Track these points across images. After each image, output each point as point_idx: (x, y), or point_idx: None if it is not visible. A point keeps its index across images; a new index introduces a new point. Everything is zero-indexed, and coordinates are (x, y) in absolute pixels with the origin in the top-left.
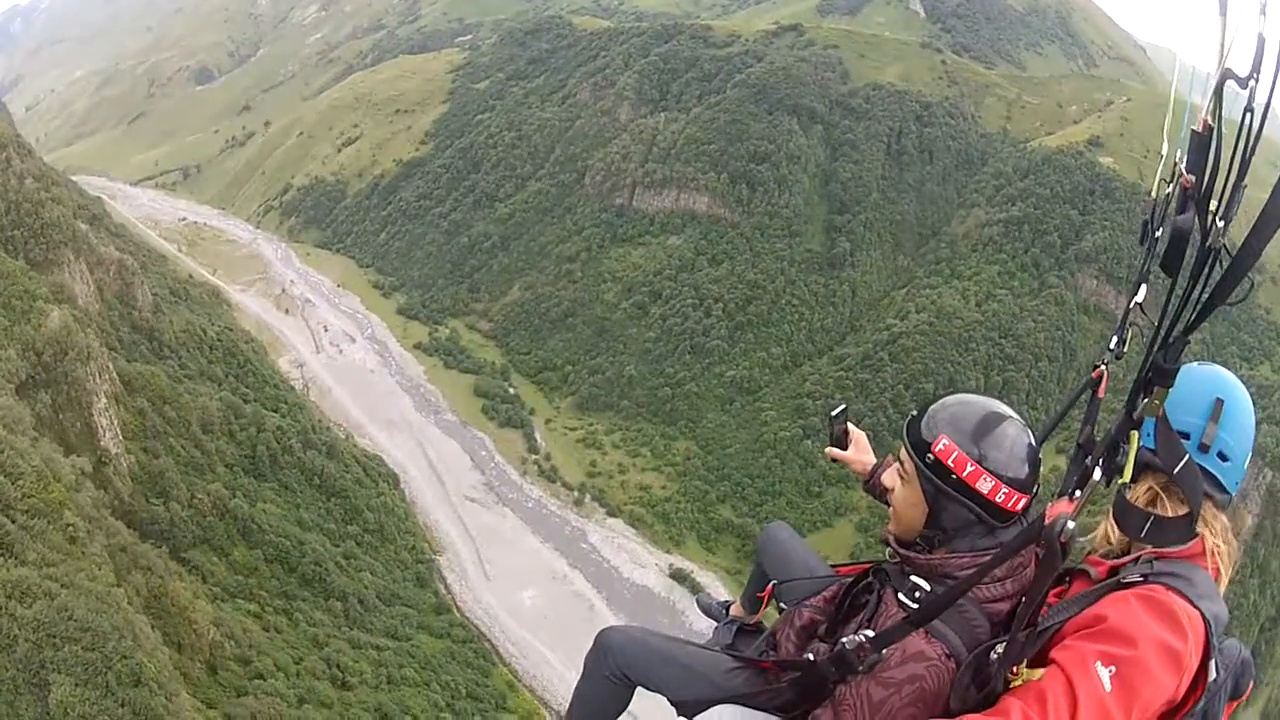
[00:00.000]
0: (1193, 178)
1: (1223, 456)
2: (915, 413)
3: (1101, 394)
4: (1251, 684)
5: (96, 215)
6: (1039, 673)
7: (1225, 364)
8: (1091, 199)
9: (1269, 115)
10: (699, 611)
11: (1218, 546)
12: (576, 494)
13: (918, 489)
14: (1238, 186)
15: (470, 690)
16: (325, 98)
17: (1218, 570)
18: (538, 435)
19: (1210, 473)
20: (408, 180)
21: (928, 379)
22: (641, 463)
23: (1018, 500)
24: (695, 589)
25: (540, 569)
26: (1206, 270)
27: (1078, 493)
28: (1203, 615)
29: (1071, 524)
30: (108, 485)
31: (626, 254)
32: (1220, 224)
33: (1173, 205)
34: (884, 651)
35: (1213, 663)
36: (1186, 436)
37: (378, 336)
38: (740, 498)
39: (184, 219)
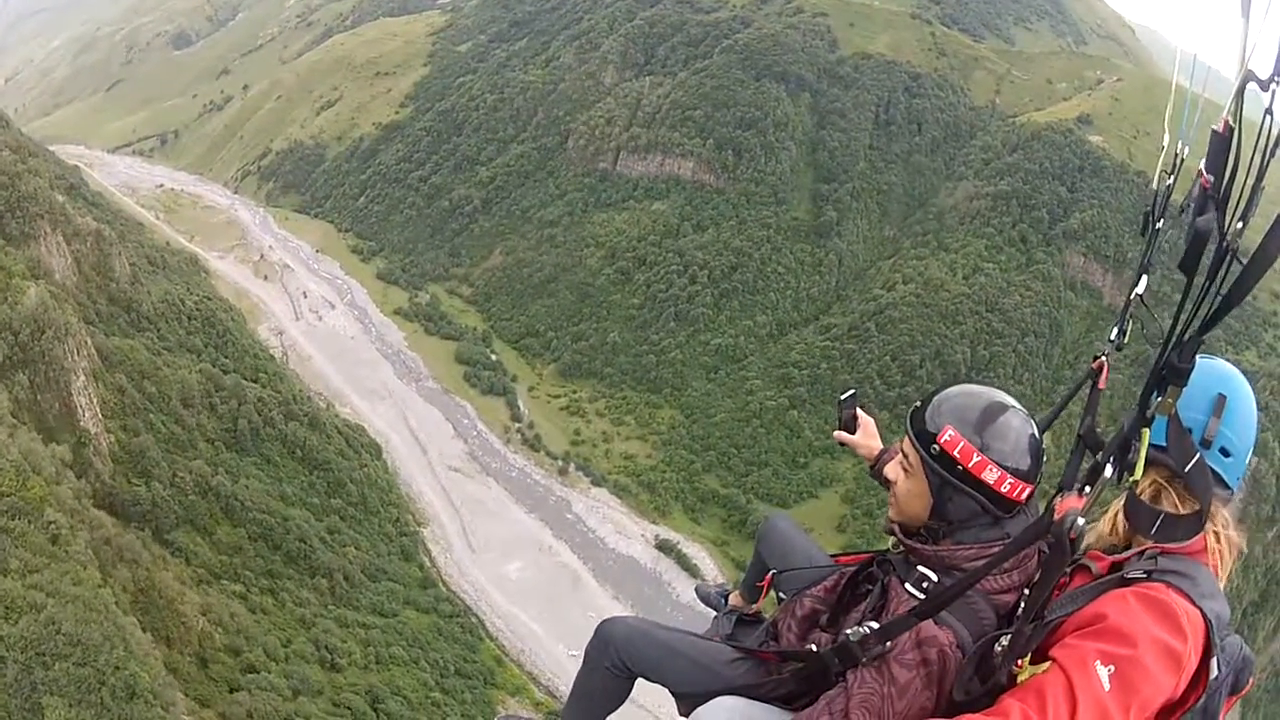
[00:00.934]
0: (1212, 178)
1: (1225, 452)
2: (919, 403)
3: (1102, 385)
4: (1252, 680)
5: (74, 185)
6: (1042, 668)
7: (1210, 348)
8: (1080, 176)
9: None
10: (694, 596)
11: (1219, 543)
12: (560, 463)
13: (922, 480)
14: (1256, 188)
15: (459, 667)
16: (304, 60)
17: (1219, 565)
18: (520, 403)
19: (1212, 468)
20: (387, 144)
21: (914, 351)
22: (626, 431)
23: (1023, 490)
24: (681, 560)
25: (526, 540)
26: (1224, 270)
27: (1087, 489)
28: (1204, 614)
29: (1081, 520)
30: (88, 468)
31: (610, 219)
32: (1239, 225)
33: (1172, 199)
34: (889, 643)
35: (1214, 661)
36: (1189, 432)
37: (358, 302)
38: (726, 468)
39: (161, 185)
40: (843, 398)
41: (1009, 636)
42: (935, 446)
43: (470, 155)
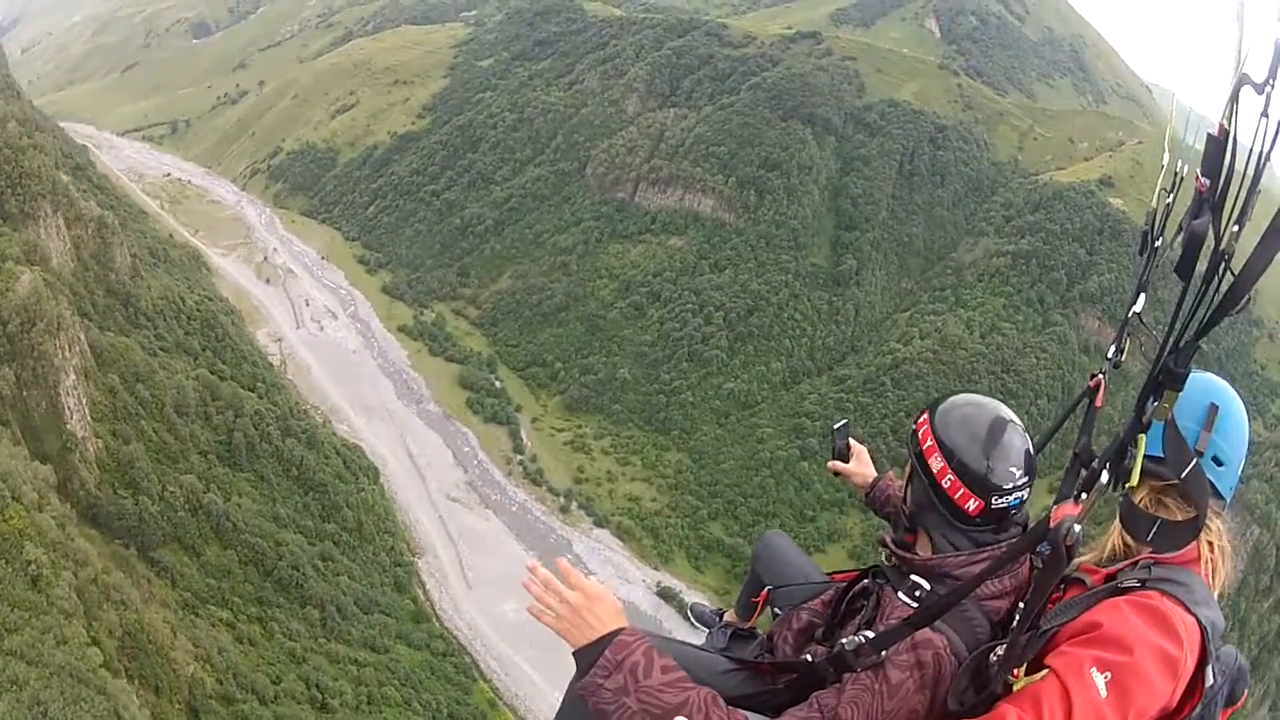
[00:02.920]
0: (1208, 182)
1: (1217, 461)
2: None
3: (1100, 403)
4: (1247, 692)
5: (80, 165)
6: (1038, 677)
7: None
8: (1100, 239)
9: None
10: (691, 622)
11: (1213, 552)
12: (563, 500)
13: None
14: (1252, 191)
15: (452, 710)
16: (323, 61)
17: (1212, 575)
18: (524, 434)
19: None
20: (401, 154)
21: None
22: (631, 471)
23: (962, 493)
24: (683, 609)
25: (523, 578)
26: (1219, 275)
27: (1083, 496)
28: (1199, 622)
29: (1078, 527)
30: (73, 475)
31: (625, 251)
32: (1235, 229)
33: (1172, 213)
34: (884, 653)
35: (1209, 669)
36: (1185, 439)
37: (361, 315)
38: (732, 516)
39: (168, 174)
40: (836, 427)
41: (1004, 646)
42: (913, 428)
43: (485, 173)
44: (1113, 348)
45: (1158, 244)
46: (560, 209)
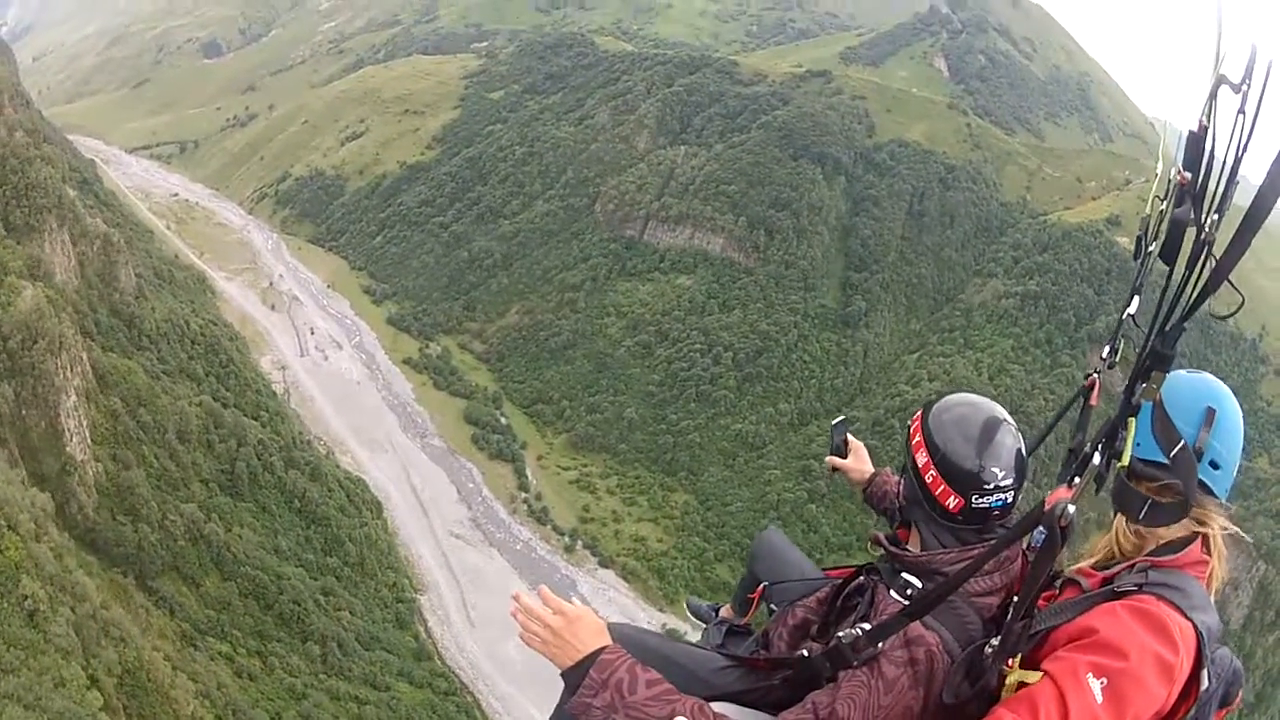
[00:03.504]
0: (1189, 175)
1: (1214, 464)
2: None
3: (1094, 402)
4: (1240, 694)
5: (87, 180)
6: (1033, 675)
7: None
8: (1108, 279)
9: (1259, 118)
10: (688, 616)
11: (1210, 554)
12: (568, 539)
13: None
14: (1231, 182)
15: None
16: (333, 88)
17: (1210, 579)
18: (529, 471)
19: (1202, 480)
20: (410, 184)
21: None
22: (637, 512)
23: (946, 491)
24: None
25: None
26: (1202, 260)
27: (1076, 479)
28: (1195, 626)
29: (1071, 508)
30: (71, 500)
31: (634, 289)
32: (1215, 217)
33: (1169, 203)
34: (880, 645)
35: (1204, 673)
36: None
37: (366, 346)
38: (739, 558)
39: (175, 195)
40: (834, 423)
41: (1000, 635)
42: (909, 424)
43: (494, 207)
44: (1107, 348)
45: (1151, 249)
46: (569, 245)
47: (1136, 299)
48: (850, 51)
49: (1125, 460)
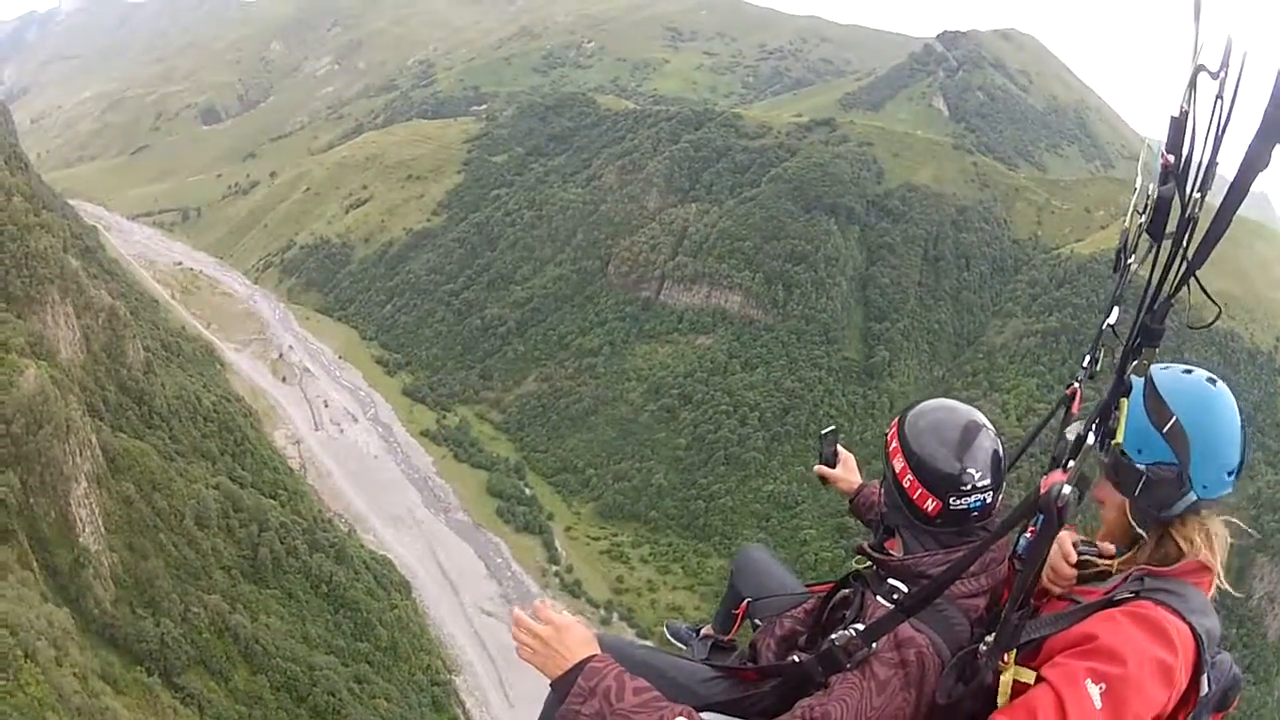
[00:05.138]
0: (1172, 157)
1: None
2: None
3: (1076, 409)
4: (1238, 698)
5: (90, 248)
6: (1028, 673)
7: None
8: (1125, 307)
9: (1235, 103)
10: (669, 640)
11: (1207, 553)
12: (603, 612)
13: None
14: (1211, 164)
15: None
16: (335, 154)
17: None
18: (558, 543)
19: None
20: (417, 251)
21: None
22: (673, 580)
23: (923, 495)
24: None
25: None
26: (1187, 235)
27: (1070, 463)
28: (1193, 630)
29: (1068, 489)
30: (86, 594)
31: (653, 351)
32: (1197, 195)
33: (1155, 182)
34: (874, 645)
35: (1204, 677)
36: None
37: (382, 418)
38: None
39: (179, 263)
40: (824, 433)
41: (996, 629)
42: (887, 432)
43: (505, 273)
44: (1087, 358)
45: (1129, 263)
46: (583, 309)
47: (1116, 310)
48: (850, 97)
49: (1120, 438)
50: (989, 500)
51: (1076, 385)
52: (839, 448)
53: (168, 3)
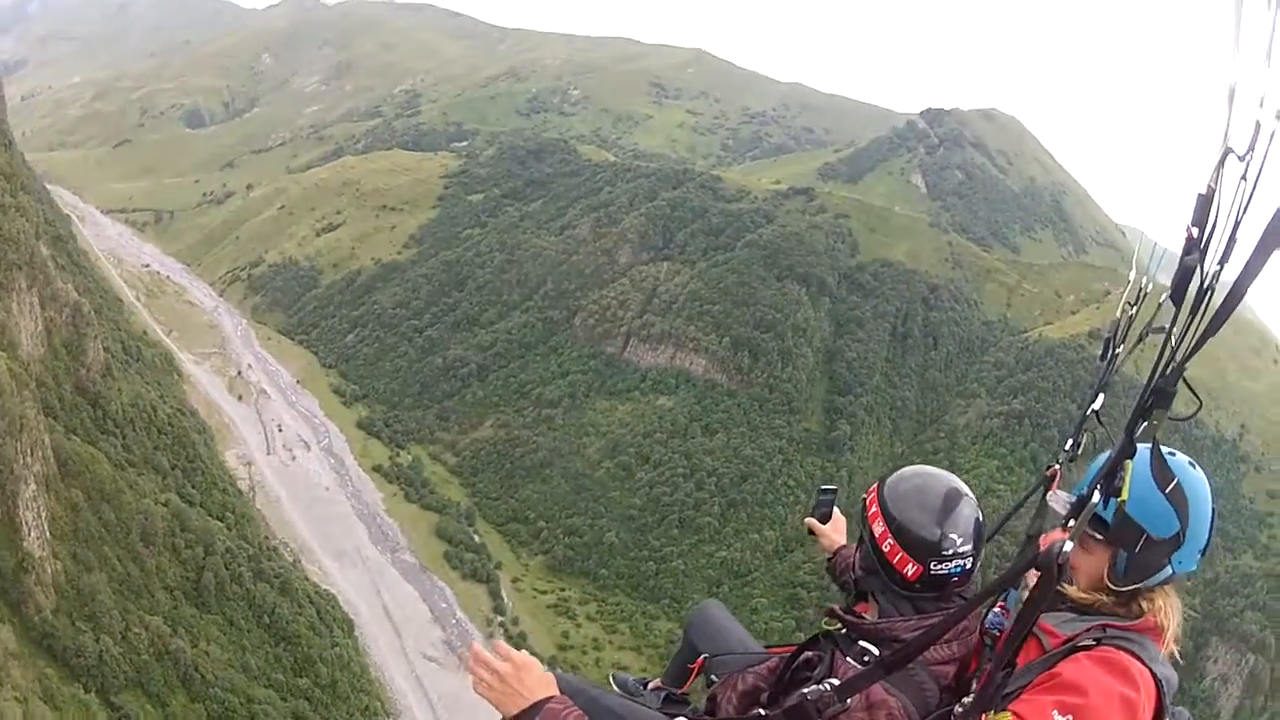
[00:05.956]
0: (1195, 230)
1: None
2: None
3: (1055, 490)
4: None
5: (60, 236)
6: (1004, 717)
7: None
8: (1090, 394)
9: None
10: (615, 690)
11: (1164, 618)
12: (546, 668)
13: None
14: (1233, 239)
15: None
16: (313, 175)
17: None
18: (504, 593)
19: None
20: (385, 283)
21: None
22: (619, 640)
23: (904, 559)
24: None
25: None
26: (1205, 303)
27: (1072, 522)
28: (1154, 674)
29: (1069, 546)
30: (27, 600)
31: (614, 408)
32: (1217, 268)
33: (1134, 326)
34: (848, 702)
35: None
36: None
37: (335, 449)
38: None
39: (147, 265)
40: (824, 488)
41: (978, 689)
42: (864, 499)
43: (471, 314)
44: (1070, 441)
45: (1118, 351)
46: (547, 359)
47: (1101, 396)
48: (829, 167)
49: (1124, 495)
50: (969, 566)
51: (1056, 467)
52: (836, 511)
53: None
